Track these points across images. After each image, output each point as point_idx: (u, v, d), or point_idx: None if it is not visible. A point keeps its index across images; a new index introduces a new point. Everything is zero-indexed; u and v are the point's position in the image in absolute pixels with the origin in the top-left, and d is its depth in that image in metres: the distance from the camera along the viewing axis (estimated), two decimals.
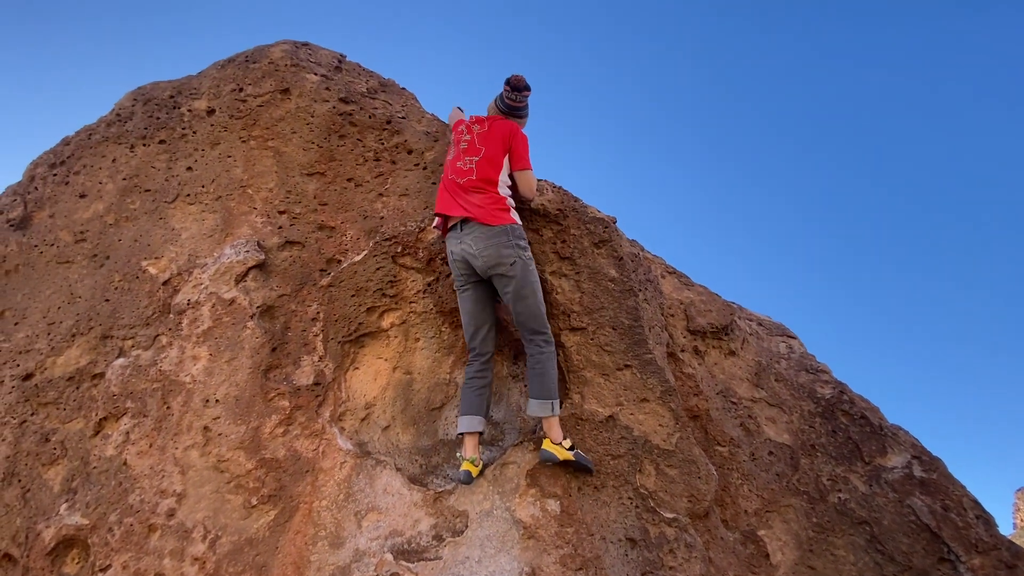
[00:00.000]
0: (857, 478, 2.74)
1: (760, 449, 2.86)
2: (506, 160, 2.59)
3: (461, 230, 2.50)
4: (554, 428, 2.38)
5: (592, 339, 2.64)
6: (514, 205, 2.59)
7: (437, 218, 2.63)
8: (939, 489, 2.63)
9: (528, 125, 2.88)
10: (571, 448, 2.38)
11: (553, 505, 2.33)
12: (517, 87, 2.66)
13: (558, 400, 2.41)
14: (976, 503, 2.57)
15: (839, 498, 2.71)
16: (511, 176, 2.63)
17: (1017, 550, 2.40)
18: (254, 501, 2.35)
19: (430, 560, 2.23)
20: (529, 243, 2.83)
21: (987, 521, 2.50)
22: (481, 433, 2.50)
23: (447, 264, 2.74)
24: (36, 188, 3.14)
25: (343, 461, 2.47)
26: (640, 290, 2.76)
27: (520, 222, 2.56)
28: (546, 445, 2.36)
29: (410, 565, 2.22)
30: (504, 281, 2.45)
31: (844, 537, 2.62)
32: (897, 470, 2.73)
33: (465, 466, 2.40)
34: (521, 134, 2.66)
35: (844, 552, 2.61)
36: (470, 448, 2.44)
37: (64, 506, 2.39)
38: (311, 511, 2.35)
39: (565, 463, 2.38)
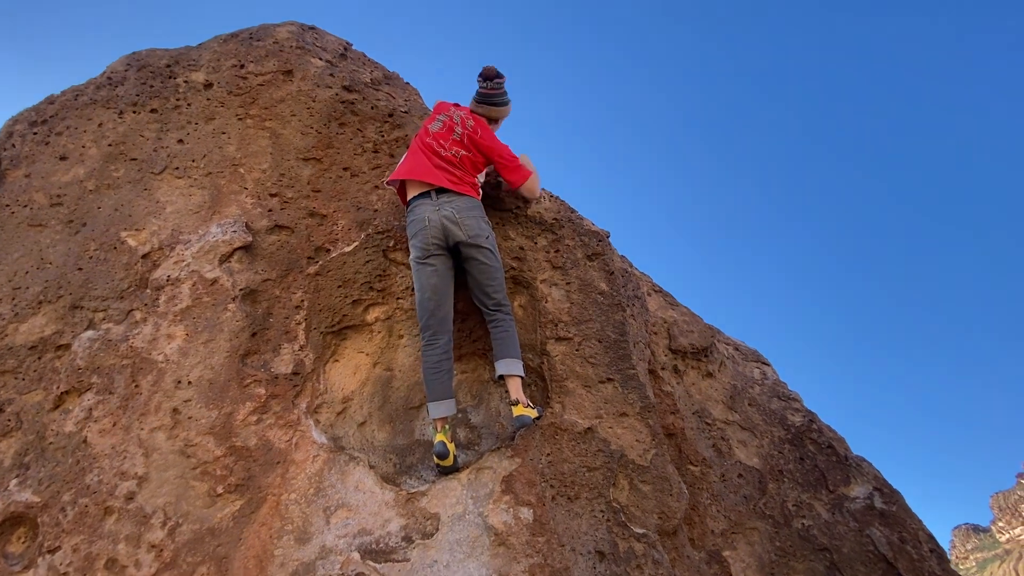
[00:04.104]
0: (821, 505, 2.82)
1: (730, 471, 2.92)
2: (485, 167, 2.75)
3: (437, 197, 2.51)
4: (521, 391, 2.45)
5: (577, 350, 2.66)
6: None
7: (401, 182, 2.64)
8: (897, 521, 2.72)
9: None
10: (531, 406, 2.46)
11: (526, 513, 2.32)
12: (488, 76, 2.75)
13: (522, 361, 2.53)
14: (931, 537, 2.67)
15: (802, 524, 2.78)
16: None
17: None
18: (220, 489, 2.27)
19: (397, 561, 2.19)
20: (522, 248, 2.85)
21: (940, 555, 2.60)
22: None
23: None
24: (14, 145, 2.99)
25: (316, 454, 2.41)
26: (628, 305, 2.79)
27: None
28: (521, 411, 2.38)
29: (377, 565, 2.17)
30: (482, 252, 2.50)
31: (805, 562, 2.69)
32: (859, 500, 2.82)
33: (439, 437, 2.38)
34: (508, 160, 2.69)
35: None
36: (442, 429, 2.43)
37: (14, 481, 2.26)
38: (279, 504, 2.29)
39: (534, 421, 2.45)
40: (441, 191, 2.52)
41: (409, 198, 2.60)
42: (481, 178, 2.72)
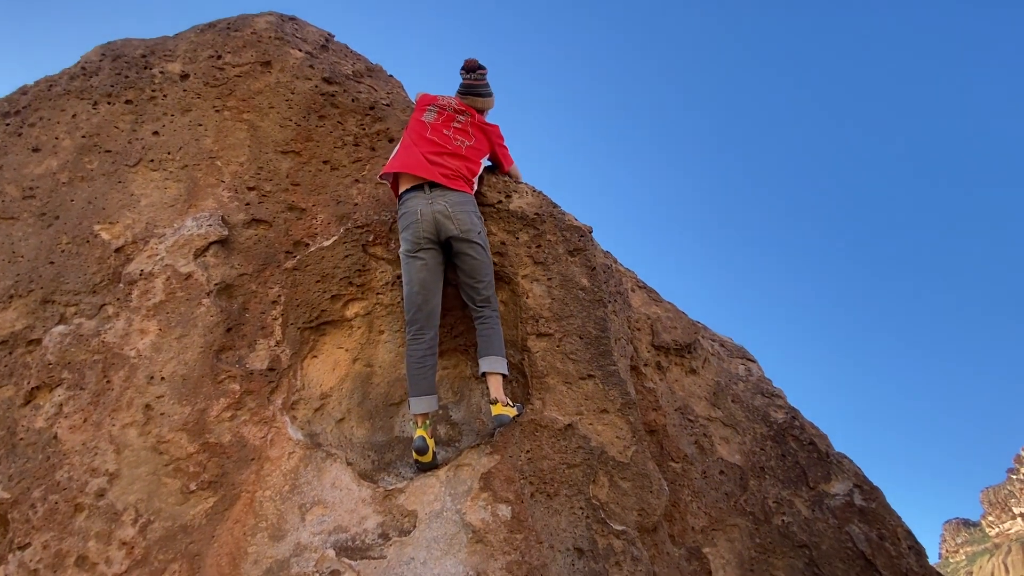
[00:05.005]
0: (801, 502, 2.82)
1: (712, 468, 2.91)
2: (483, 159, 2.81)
3: (430, 191, 2.50)
4: (501, 389, 2.43)
5: (558, 346, 2.63)
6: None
7: (394, 175, 2.62)
8: (877, 518, 2.72)
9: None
10: (510, 404, 2.44)
11: (504, 510, 2.30)
12: (471, 68, 2.84)
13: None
14: (910, 534, 2.67)
15: (783, 521, 2.77)
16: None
17: None
18: (193, 486, 2.24)
19: (374, 559, 2.17)
20: (504, 243, 2.82)
21: (918, 552, 2.60)
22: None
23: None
24: None
25: (292, 451, 2.38)
26: (610, 301, 2.77)
27: None
28: (500, 410, 2.36)
29: (352, 563, 2.15)
30: (473, 247, 2.49)
31: (784, 559, 2.69)
32: (839, 497, 2.81)
33: (419, 432, 2.36)
34: (503, 143, 2.87)
35: (783, 574, 2.67)
36: (423, 425, 2.41)
37: None
38: (253, 501, 2.26)
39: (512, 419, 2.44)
40: (434, 185, 2.50)
41: (401, 191, 2.58)
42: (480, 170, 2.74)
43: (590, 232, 2.91)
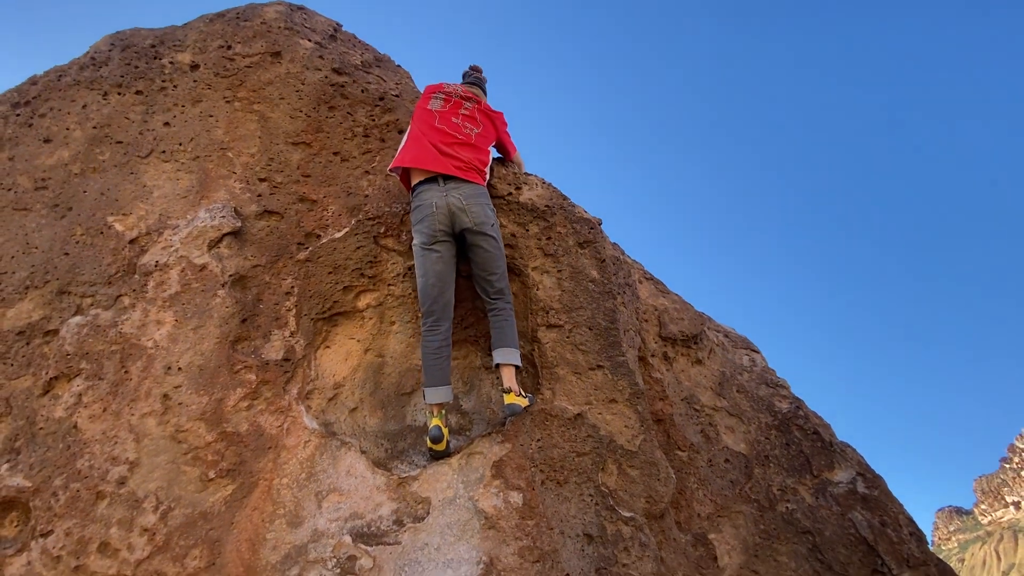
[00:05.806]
0: (805, 490, 2.88)
1: (717, 456, 2.96)
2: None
3: (445, 183, 2.52)
4: (514, 379, 2.47)
5: (568, 337, 2.67)
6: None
7: (405, 169, 2.65)
8: (879, 505, 2.78)
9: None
10: (522, 395, 2.49)
11: (516, 497, 2.36)
12: (478, 69, 3.07)
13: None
14: (911, 521, 2.73)
15: (787, 508, 2.83)
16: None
17: (944, 567, 2.58)
18: (211, 474, 2.28)
19: (389, 544, 2.23)
20: (514, 235, 2.84)
21: (919, 538, 2.66)
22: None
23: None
24: None
25: (307, 440, 2.42)
26: (619, 293, 2.80)
27: None
28: (512, 399, 2.41)
29: (368, 548, 2.21)
30: (486, 240, 2.51)
31: (788, 545, 2.75)
32: (842, 485, 2.87)
33: (435, 422, 2.39)
34: (507, 129, 2.94)
35: (787, 559, 2.73)
36: (438, 414, 2.44)
37: (5, 466, 2.27)
38: (271, 488, 2.31)
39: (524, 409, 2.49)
40: (448, 178, 2.51)
41: (414, 183, 2.59)
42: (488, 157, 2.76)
43: (599, 224, 2.93)
